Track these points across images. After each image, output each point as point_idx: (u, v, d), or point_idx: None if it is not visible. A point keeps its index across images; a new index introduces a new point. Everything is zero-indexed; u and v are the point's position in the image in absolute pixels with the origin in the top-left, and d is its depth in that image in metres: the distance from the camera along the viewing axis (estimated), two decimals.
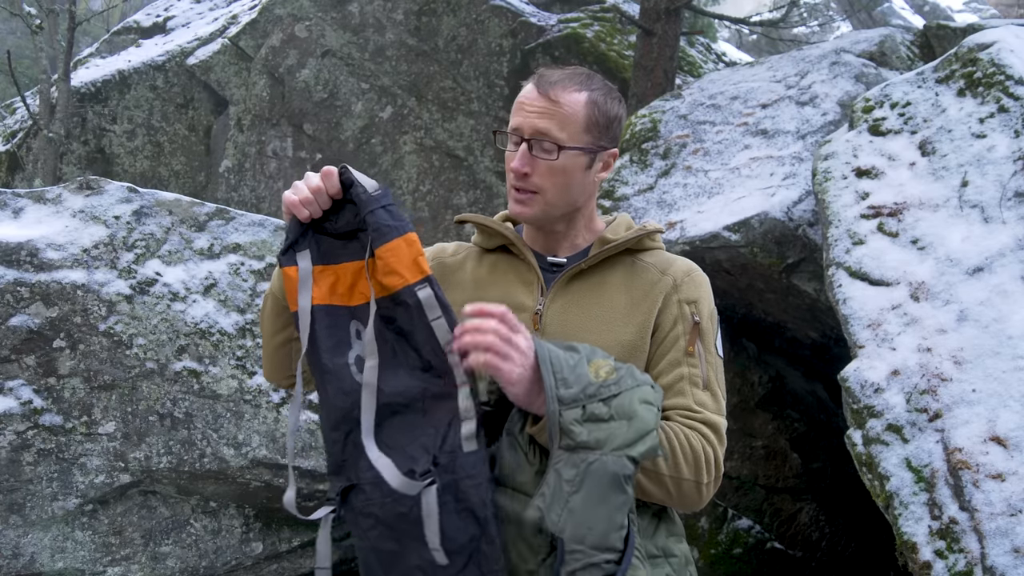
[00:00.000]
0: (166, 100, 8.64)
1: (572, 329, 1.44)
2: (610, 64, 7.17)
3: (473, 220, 1.60)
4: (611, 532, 1.22)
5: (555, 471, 1.22)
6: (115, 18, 14.43)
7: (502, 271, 1.55)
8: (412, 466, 1.27)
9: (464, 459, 1.26)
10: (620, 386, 1.27)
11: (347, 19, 8.14)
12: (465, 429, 1.28)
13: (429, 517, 1.23)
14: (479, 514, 1.25)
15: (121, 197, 3.51)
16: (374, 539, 1.30)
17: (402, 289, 1.32)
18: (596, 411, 1.24)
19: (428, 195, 7.77)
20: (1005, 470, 2.40)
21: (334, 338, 1.36)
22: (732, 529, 4.03)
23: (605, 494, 1.21)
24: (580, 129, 1.46)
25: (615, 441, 1.23)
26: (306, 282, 1.36)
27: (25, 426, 3.09)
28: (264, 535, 3.52)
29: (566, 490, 1.21)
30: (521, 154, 1.44)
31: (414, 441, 1.29)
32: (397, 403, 1.32)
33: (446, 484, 1.24)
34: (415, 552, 1.26)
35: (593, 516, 1.20)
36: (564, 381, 1.24)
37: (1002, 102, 3.32)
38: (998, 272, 2.86)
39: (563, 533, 1.20)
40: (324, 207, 1.38)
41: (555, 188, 1.47)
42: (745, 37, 14.94)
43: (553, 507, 1.21)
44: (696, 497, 1.36)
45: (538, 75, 1.49)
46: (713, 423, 1.40)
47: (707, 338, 1.47)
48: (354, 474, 1.30)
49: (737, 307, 4.46)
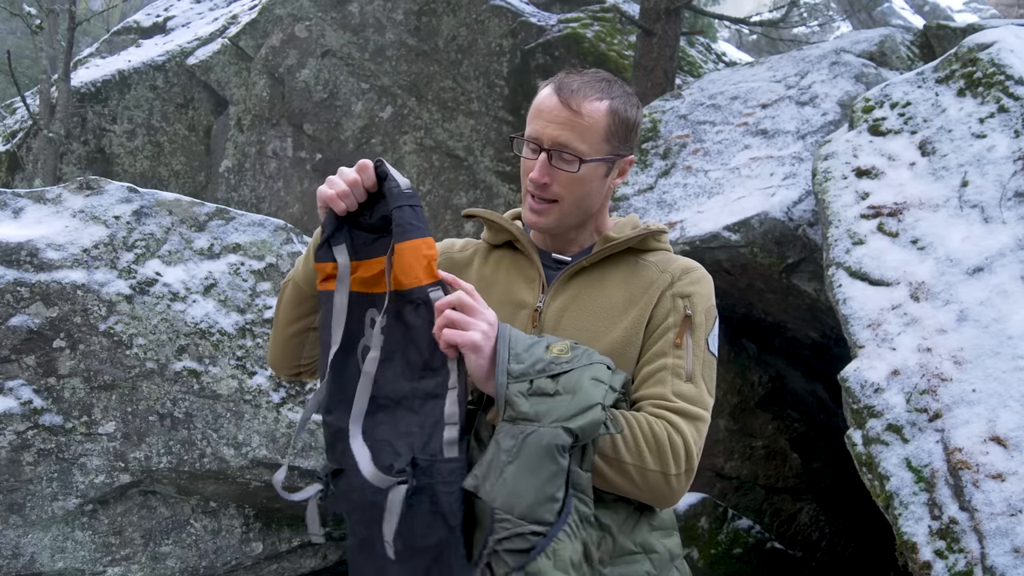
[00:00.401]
0: (166, 100, 8.64)
1: (569, 325, 1.45)
2: (610, 64, 7.17)
3: (481, 215, 1.60)
4: (540, 503, 1.20)
5: (495, 441, 1.23)
6: (115, 18, 14.43)
7: (506, 268, 1.55)
8: (393, 461, 1.29)
9: (443, 465, 1.28)
10: (572, 364, 1.27)
11: (347, 19, 8.14)
12: (447, 434, 1.30)
13: (390, 513, 1.25)
14: (450, 521, 1.26)
15: (121, 197, 3.51)
16: (353, 523, 1.35)
17: (415, 288, 1.34)
18: (542, 385, 1.25)
19: (428, 195, 7.78)
20: (1005, 470, 2.40)
21: (351, 324, 1.38)
22: (732, 529, 4.03)
23: (537, 464, 1.20)
24: (601, 139, 1.45)
25: (555, 413, 1.23)
26: (344, 279, 1.39)
27: (25, 426, 3.09)
28: (264, 535, 3.52)
29: (502, 459, 1.21)
30: (541, 165, 1.43)
31: (401, 438, 1.32)
32: (391, 397, 1.34)
33: (422, 486, 1.26)
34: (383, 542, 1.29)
35: (523, 486, 1.20)
36: (517, 357, 1.28)
37: (1002, 102, 3.32)
38: (998, 272, 2.86)
39: (495, 503, 1.20)
40: (360, 200, 1.38)
41: (573, 198, 1.47)
42: (745, 37, 14.94)
43: (489, 477, 1.22)
44: (665, 490, 1.33)
45: (558, 82, 1.47)
46: (688, 412, 1.37)
47: (698, 332, 1.44)
48: (342, 459, 1.34)
49: (737, 307, 4.46)
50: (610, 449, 1.31)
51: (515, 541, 1.19)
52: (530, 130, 1.47)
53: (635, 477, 1.32)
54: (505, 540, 1.19)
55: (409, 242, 1.34)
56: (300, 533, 3.58)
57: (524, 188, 1.49)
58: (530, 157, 1.47)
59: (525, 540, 1.19)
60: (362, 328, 1.39)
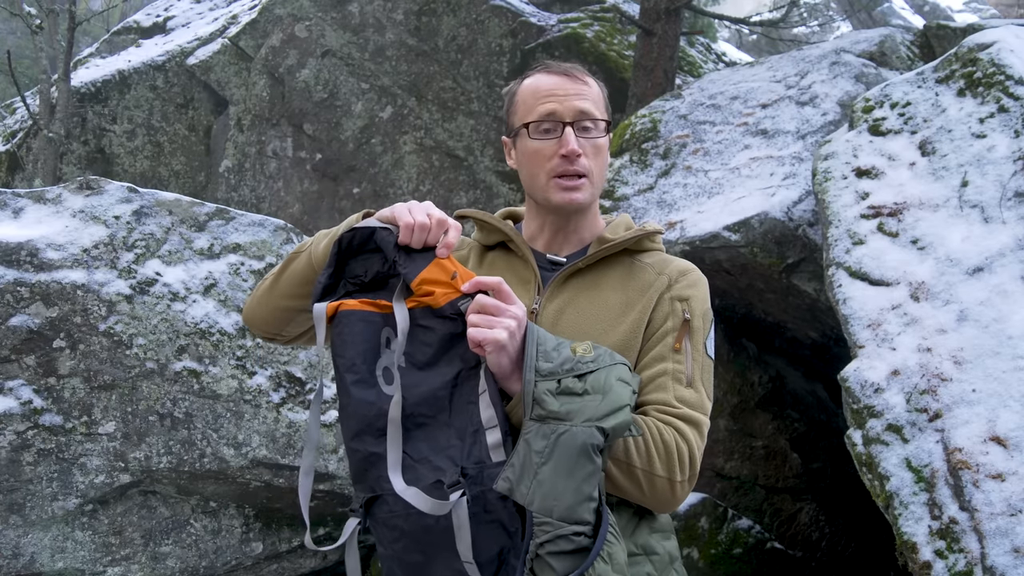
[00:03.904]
0: (166, 100, 8.64)
1: (566, 327, 1.44)
2: (610, 64, 7.17)
3: (473, 216, 1.59)
4: (579, 503, 1.19)
5: (525, 442, 1.21)
6: (115, 18, 14.43)
7: (500, 269, 1.54)
8: (440, 477, 1.24)
9: (492, 471, 1.24)
10: (597, 363, 1.27)
11: (347, 19, 8.14)
12: (491, 439, 1.26)
13: (461, 529, 1.20)
14: (508, 527, 1.23)
15: (121, 197, 3.51)
16: (399, 551, 1.27)
17: (447, 304, 1.32)
18: (570, 385, 1.23)
19: (428, 195, 7.77)
20: (1005, 470, 2.40)
21: (366, 343, 1.33)
22: (732, 529, 4.03)
23: (573, 464, 1.19)
24: (604, 108, 1.51)
25: (586, 413, 1.22)
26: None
27: (25, 426, 3.09)
28: (264, 535, 3.52)
29: (535, 461, 1.19)
30: (571, 135, 1.43)
31: (440, 452, 1.27)
32: (422, 413, 1.30)
33: (475, 496, 1.22)
34: (443, 563, 1.23)
35: (561, 487, 1.18)
36: (545, 355, 1.26)
37: (1002, 102, 3.32)
38: (998, 272, 2.86)
39: (532, 505, 1.18)
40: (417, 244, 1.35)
41: (597, 169, 1.49)
42: (745, 37, 14.94)
43: (523, 479, 1.19)
44: (669, 495, 1.33)
45: (544, 67, 1.50)
46: (692, 419, 1.37)
47: (696, 336, 1.44)
48: (377, 485, 1.27)
49: (737, 307, 4.46)
50: (621, 452, 1.31)
51: (559, 543, 1.18)
52: (542, 111, 1.46)
53: (642, 482, 1.32)
54: (548, 543, 1.17)
55: (421, 275, 1.32)
56: (300, 533, 3.58)
57: (544, 172, 1.47)
58: (546, 138, 1.46)
59: (568, 541, 1.18)
60: (379, 350, 1.34)
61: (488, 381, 1.29)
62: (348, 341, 1.33)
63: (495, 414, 1.27)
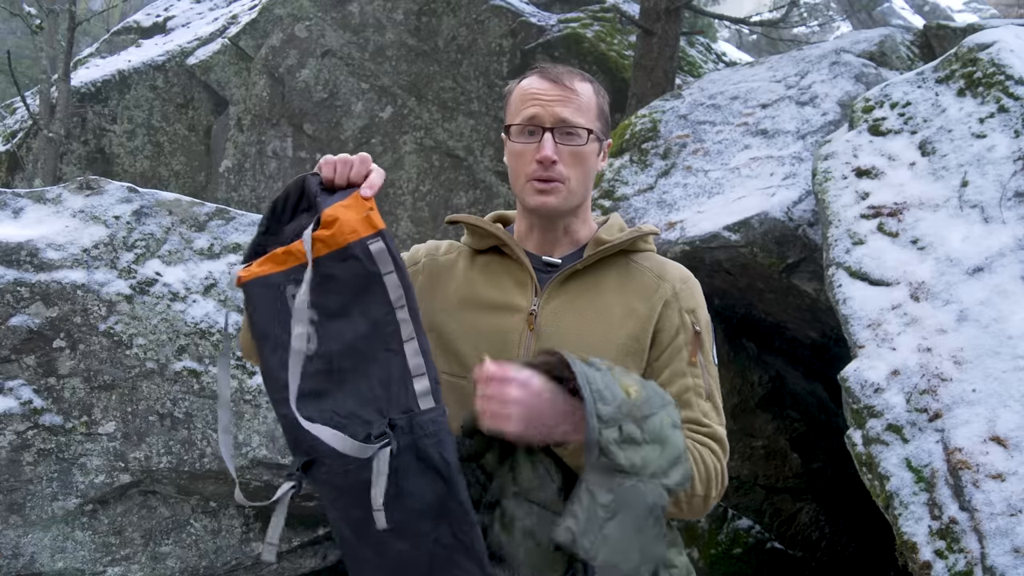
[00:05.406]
0: (166, 100, 8.64)
1: (567, 330, 1.43)
2: (610, 64, 7.17)
3: (464, 220, 1.58)
4: (647, 562, 1.20)
5: (588, 492, 1.16)
6: (115, 18, 14.42)
7: (495, 272, 1.53)
8: (368, 430, 1.23)
9: (421, 417, 1.24)
10: (651, 406, 1.24)
11: (347, 19, 8.14)
12: (419, 386, 1.25)
13: (379, 476, 1.19)
14: (443, 472, 1.22)
15: (121, 197, 3.51)
16: (342, 508, 1.28)
17: (353, 242, 1.27)
18: (631, 433, 1.19)
19: (428, 195, 7.77)
20: (1005, 470, 2.40)
21: (271, 308, 1.29)
22: (732, 529, 4.03)
23: (642, 524, 1.18)
24: (594, 117, 1.49)
25: (650, 467, 1.20)
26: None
27: (25, 426, 3.09)
28: (264, 535, 3.52)
29: (601, 515, 1.15)
30: (549, 142, 1.44)
31: (366, 405, 1.25)
32: (344, 368, 1.27)
33: (405, 445, 1.21)
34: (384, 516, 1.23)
35: (629, 545, 1.16)
36: (600, 396, 1.18)
37: (1002, 102, 3.32)
38: (998, 272, 2.86)
39: (595, 560, 1.16)
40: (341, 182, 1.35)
41: (577, 176, 1.47)
42: (745, 37, 14.94)
43: (587, 533, 1.15)
44: (702, 509, 1.38)
45: (539, 70, 1.50)
46: (718, 436, 1.42)
47: (705, 347, 1.48)
48: (311, 448, 1.25)
49: (737, 307, 4.46)
50: None
51: None
52: (524, 115, 1.46)
53: (683, 502, 1.35)
54: None
55: (335, 205, 1.28)
56: (300, 533, 3.58)
57: (523, 175, 1.47)
58: (527, 142, 1.46)
59: None
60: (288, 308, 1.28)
61: (416, 328, 1.28)
62: (256, 310, 1.31)
63: (422, 361, 1.26)
